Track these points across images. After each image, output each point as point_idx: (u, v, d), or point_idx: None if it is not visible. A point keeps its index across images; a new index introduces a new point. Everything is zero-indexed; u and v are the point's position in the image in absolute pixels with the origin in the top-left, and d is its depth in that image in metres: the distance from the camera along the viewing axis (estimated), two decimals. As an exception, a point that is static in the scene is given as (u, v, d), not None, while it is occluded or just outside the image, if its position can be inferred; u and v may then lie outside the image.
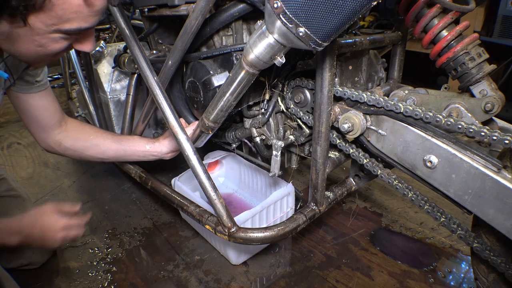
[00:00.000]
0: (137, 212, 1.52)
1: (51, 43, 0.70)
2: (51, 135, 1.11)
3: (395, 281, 1.14)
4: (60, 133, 1.12)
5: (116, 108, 1.51)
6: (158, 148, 1.19)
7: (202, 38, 0.99)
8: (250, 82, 0.84)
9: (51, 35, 0.68)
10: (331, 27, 0.62)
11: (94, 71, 1.51)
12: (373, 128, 0.87)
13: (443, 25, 0.89)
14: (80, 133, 1.15)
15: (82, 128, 1.17)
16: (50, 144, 1.12)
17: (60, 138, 1.12)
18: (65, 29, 0.68)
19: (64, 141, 1.13)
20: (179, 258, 1.26)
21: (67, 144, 1.13)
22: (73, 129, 1.15)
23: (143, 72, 1.01)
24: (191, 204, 1.09)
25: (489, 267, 0.86)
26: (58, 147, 1.13)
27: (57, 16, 0.64)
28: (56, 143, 1.12)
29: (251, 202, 1.44)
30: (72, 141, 1.14)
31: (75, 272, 1.20)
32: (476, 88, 0.90)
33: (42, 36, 0.68)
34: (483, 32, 2.32)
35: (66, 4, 0.63)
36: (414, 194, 0.89)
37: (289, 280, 1.15)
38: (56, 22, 0.66)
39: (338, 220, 1.44)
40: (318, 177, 0.95)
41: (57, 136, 1.12)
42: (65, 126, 1.13)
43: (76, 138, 1.14)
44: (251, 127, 1.05)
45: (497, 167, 0.70)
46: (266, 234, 0.95)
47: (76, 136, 1.14)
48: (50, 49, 0.72)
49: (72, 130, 1.14)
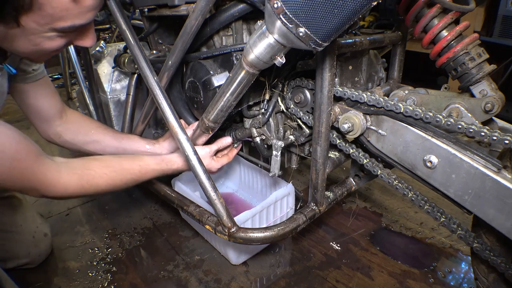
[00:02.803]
0: (137, 212, 1.52)
1: (47, 41, 0.70)
2: (52, 127, 1.10)
3: (395, 281, 1.14)
4: (60, 125, 1.11)
5: (116, 108, 1.51)
6: (158, 150, 1.18)
7: (202, 38, 0.99)
8: (250, 82, 0.84)
9: (46, 34, 0.68)
10: (331, 27, 0.62)
11: (94, 71, 1.51)
12: (373, 128, 0.87)
13: (443, 25, 0.89)
14: (81, 127, 1.14)
15: (83, 122, 1.16)
16: (50, 136, 1.11)
17: (60, 130, 1.11)
18: (59, 27, 0.67)
19: (64, 134, 1.11)
20: (179, 258, 1.26)
21: (67, 137, 1.12)
22: (74, 122, 1.13)
23: (143, 72, 1.01)
24: (191, 204, 1.09)
25: (489, 267, 0.86)
26: (58, 139, 1.12)
27: (48, 15, 0.64)
28: (56, 135, 1.11)
29: (251, 202, 1.44)
30: (72, 134, 1.12)
31: (75, 272, 1.20)
32: (476, 88, 0.90)
33: (37, 36, 0.67)
34: (483, 32, 2.33)
35: (54, 2, 0.62)
36: (414, 194, 0.89)
37: (289, 280, 1.15)
38: (48, 21, 0.65)
39: (338, 220, 1.44)
40: (318, 177, 0.95)
41: (58, 128, 1.10)
42: (65, 118, 1.12)
43: (77, 131, 1.13)
44: (251, 127, 1.05)
45: (497, 167, 0.70)
46: (266, 234, 0.95)
47: (76, 129, 1.13)
48: (47, 47, 0.71)
49: (73, 122, 1.13)
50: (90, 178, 0.87)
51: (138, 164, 0.98)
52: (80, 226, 1.44)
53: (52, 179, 0.80)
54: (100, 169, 0.90)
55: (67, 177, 0.83)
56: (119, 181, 0.94)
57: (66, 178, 0.83)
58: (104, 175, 0.90)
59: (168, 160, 1.05)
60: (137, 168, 0.98)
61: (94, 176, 0.88)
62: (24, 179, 0.76)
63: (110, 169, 0.92)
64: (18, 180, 0.75)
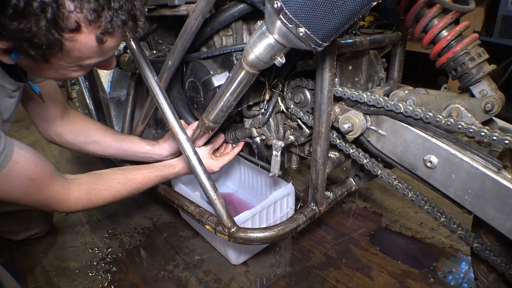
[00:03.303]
0: (137, 212, 1.52)
1: (73, 72, 0.76)
2: (53, 126, 1.11)
3: (395, 281, 1.14)
4: (61, 125, 1.12)
5: (116, 108, 1.51)
6: (158, 151, 1.19)
7: (202, 38, 0.99)
8: (250, 82, 0.84)
9: (72, 68, 0.74)
10: (331, 27, 0.62)
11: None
12: (373, 128, 0.87)
13: (443, 25, 0.89)
14: (81, 127, 1.15)
15: (84, 123, 1.17)
16: (51, 135, 1.13)
17: (61, 130, 1.12)
18: (85, 64, 0.74)
19: (65, 134, 1.13)
20: (179, 258, 1.26)
21: (67, 137, 1.13)
22: (75, 123, 1.15)
23: (143, 72, 1.01)
24: (191, 204, 1.09)
25: (489, 267, 0.86)
26: (58, 139, 1.13)
27: (75, 57, 0.69)
28: (57, 135, 1.12)
29: (251, 202, 1.44)
30: (73, 135, 1.14)
31: (75, 272, 1.20)
32: (476, 88, 0.90)
33: (64, 69, 0.74)
34: (483, 32, 2.33)
35: (82, 48, 0.67)
36: (414, 194, 0.89)
37: (289, 280, 1.15)
38: (75, 60, 0.71)
39: (338, 220, 1.44)
40: (318, 177, 0.95)
41: (59, 128, 1.12)
42: (67, 118, 1.13)
43: (78, 132, 1.14)
44: (251, 127, 1.05)
45: (497, 167, 0.70)
46: (266, 234, 0.95)
47: (77, 130, 1.14)
48: (72, 76, 0.78)
49: (74, 123, 1.15)
50: (97, 192, 0.94)
51: (141, 173, 1.04)
52: (80, 226, 1.44)
53: (64, 196, 0.88)
54: (106, 182, 0.96)
55: (77, 193, 0.90)
56: (124, 191, 1.00)
57: (76, 194, 0.90)
58: (110, 188, 0.96)
59: (170, 165, 1.10)
60: (140, 177, 1.03)
61: (100, 190, 0.95)
62: (39, 197, 0.84)
63: (115, 181, 0.98)
64: (33, 198, 0.83)
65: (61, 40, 0.63)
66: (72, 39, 0.64)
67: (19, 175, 0.76)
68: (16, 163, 0.74)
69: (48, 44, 0.62)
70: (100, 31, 0.66)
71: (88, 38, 0.66)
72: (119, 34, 0.69)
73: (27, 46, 0.61)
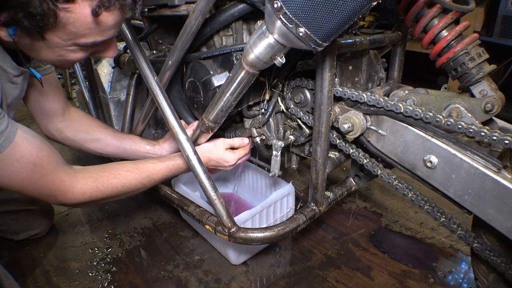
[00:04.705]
0: (137, 212, 1.52)
1: (70, 53, 0.74)
2: (54, 122, 1.11)
3: (395, 281, 1.14)
4: (62, 122, 1.12)
5: (116, 108, 1.51)
6: (158, 151, 1.19)
7: (202, 38, 0.99)
8: (250, 82, 0.84)
9: (69, 47, 0.72)
10: (331, 27, 0.62)
11: (94, 71, 1.51)
12: (373, 128, 0.87)
13: (443, 25, 0.89)
14: (82, 124, 1.15)
15: (85, 120, 1.17)
16: (51, 131, 1.12)
17: (62, 126, 1.12)
18: (81, 43, 0.71)
19: (66, 130, 1.13)
20: (179, 258, 1.26)
21: (68, 133, 1.13)
22: (76, 120, 1.15)
23: (143, 72, 1.01)
24: (191, 204, 1.09)
25: (489, 267, 0.86)
26: (59, 136, 1.13)
27: (71, 33, 0.68)
28: (57, 131, 1.12)
29: (251, 202, 1.44)
30: (74, 131, 1.14)
31: (75, 272, 1.20)
32: (476, 88, 0.90)
33: (61, 48, 0.71)
34: (483, 32, 2.33)
35: (77, 22, 0.66)
36: (414, 194, 0.89)
37: (289, 280, 1.15)
38: (71, 37, 0.69)
39: (338, 220, 1.44)
40: (318, 177, 0.95)
41: (59, 124, 1.12)
42: (68, 115, 1.13)
43: (78, 129, 1.14)
44: (251, 127, 1.05)
45: (497, 167, 0.70)
46: (266, 234, 0.95)
47: (78, 127, 1.14)
48: (71, 58, 0.75)
49: (75, 120, 1.14)
50: (104, 180, 0.88)
51: (151, 162, 0.99)
52: (80, 226, 1.44)
53: (70, 185, 0.83)
54: (114, 170, 0.91)
55: (83, 182, 0.85)
56: (134, 180, 0.93)
57: (83, 182, 0.85)
58: (118, 175, 0.91)
59: (177, 158, 1.05)
60: (151, 166, 0.98)
61: (108, 177, 0.89)
62: (43, 185, 0.78)
63: (124, 169, 0.93)
64: (37, 185, 0.78)
65: (55, 10, 0.62)
66: (67, 10, 0.63)
67: (21, 159, 0.72)
68: (18, 145, 0.71)
69: (43, 14, 0.61)
70: (96, 3, 0.64)
71: (83, 9, 0.64)
72: (116, 9, 0.67)
73: (22, 16, 0.61)
